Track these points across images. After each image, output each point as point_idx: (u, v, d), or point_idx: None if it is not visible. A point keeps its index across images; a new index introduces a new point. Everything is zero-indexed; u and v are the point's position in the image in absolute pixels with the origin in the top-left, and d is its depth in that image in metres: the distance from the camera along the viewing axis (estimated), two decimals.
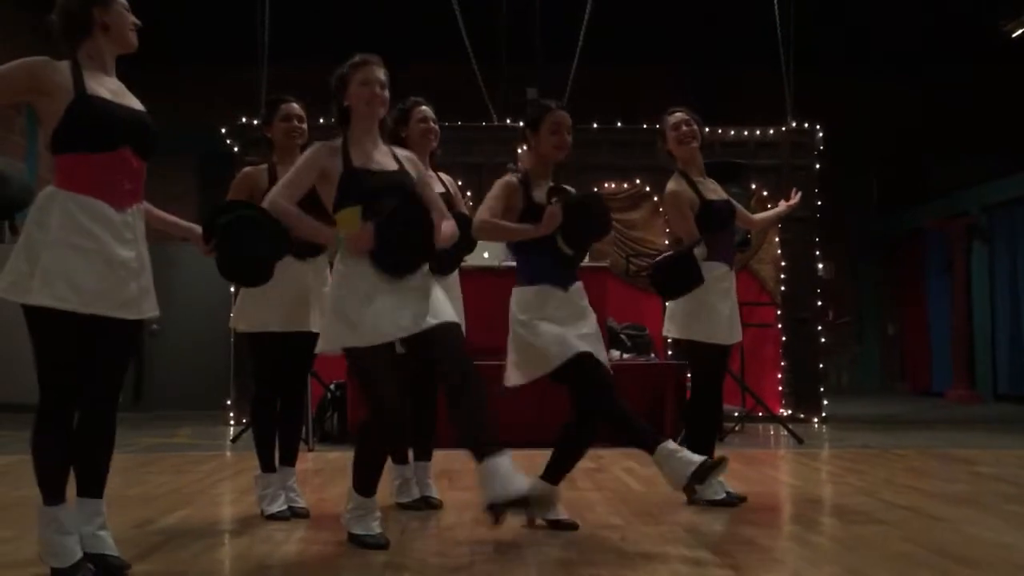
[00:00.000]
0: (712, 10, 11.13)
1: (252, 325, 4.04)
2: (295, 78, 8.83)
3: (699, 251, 4.33)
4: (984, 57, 12.38)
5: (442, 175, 4.47)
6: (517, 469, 3.20)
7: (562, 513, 3.81)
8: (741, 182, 6.91)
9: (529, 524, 3.79)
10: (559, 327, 3.68)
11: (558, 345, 3.64)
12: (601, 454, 6.28)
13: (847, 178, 13.34)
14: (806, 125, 9.64)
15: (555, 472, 3.90)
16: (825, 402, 9.42)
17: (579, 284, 3.86)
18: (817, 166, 9.58)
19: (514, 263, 3.93)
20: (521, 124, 3.94)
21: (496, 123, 9.70)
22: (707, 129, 4.64)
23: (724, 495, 4.32)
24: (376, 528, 3.45)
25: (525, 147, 3.93)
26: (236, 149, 9.06)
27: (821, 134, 9.62)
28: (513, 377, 3.76)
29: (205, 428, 8.62)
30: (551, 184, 3.90)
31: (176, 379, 11.18)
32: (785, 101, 9.56)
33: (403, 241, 3.32)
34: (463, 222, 3.87)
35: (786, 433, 7.61)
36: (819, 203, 9.49)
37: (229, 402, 8.85)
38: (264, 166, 4.17)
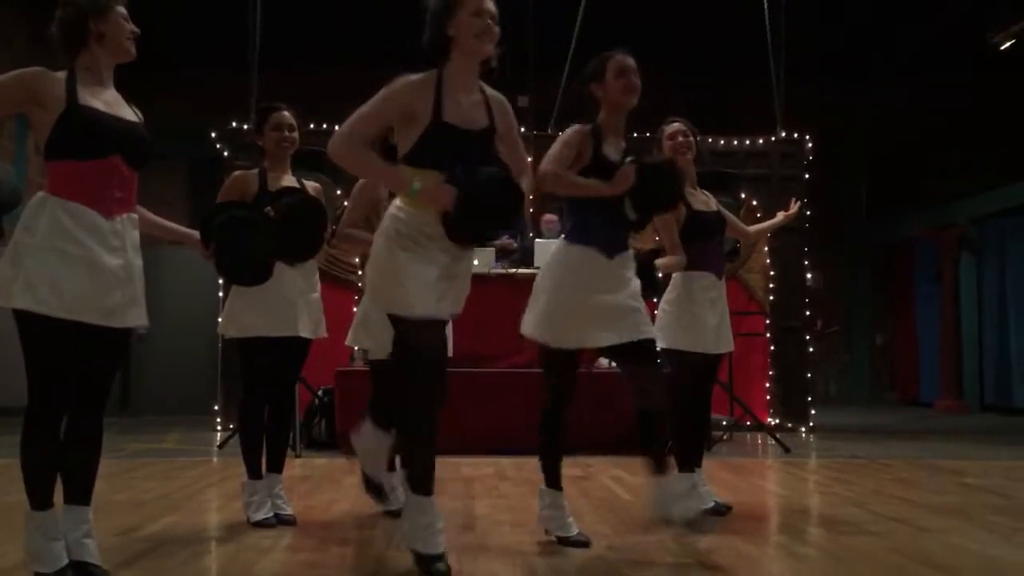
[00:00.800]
0: (704, 20, 11.17)
1: (242, 330, 4.03)
2: (286, 83, 8.84)
3: (677, 261, 4.36)
4: (974, 68, 12.46)
5: None
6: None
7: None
8: (731, 192, 6.92)
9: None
10: (588, 302, 3.50)
11: (575, 331, 3.54)
12: (589, 462, 6.28)
13: (837, 188, 13.40)
14: (796, 135, 9.68)
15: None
16: (813, 411, 9.44)
17: (628, 253, 3.67)
18: (807, 176, 9.62)
19: (502, 270, 3.91)
20: (585, 83, 3.72)
21: None
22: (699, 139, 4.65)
23: (712, 503, 4.33)
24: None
25: (593, 105, 3.72)
26: (226, 154, 9.04)
27: (811, 144, 9.65)
28: (528, 326, 3.65)
29: (193, 433, 8.58)
30: (624, 141, 3.70)
31: (164, 384, 11.15)
32: (775, 111, 9.60)
33: (485, 213, 3.04)
34: None
35: (773, 442, 7.62)
36: (808, 213, 9.52)
37: (217, 407, 8.82)
38: (255, 170, 4.17)
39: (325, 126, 8.73)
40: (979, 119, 13.26)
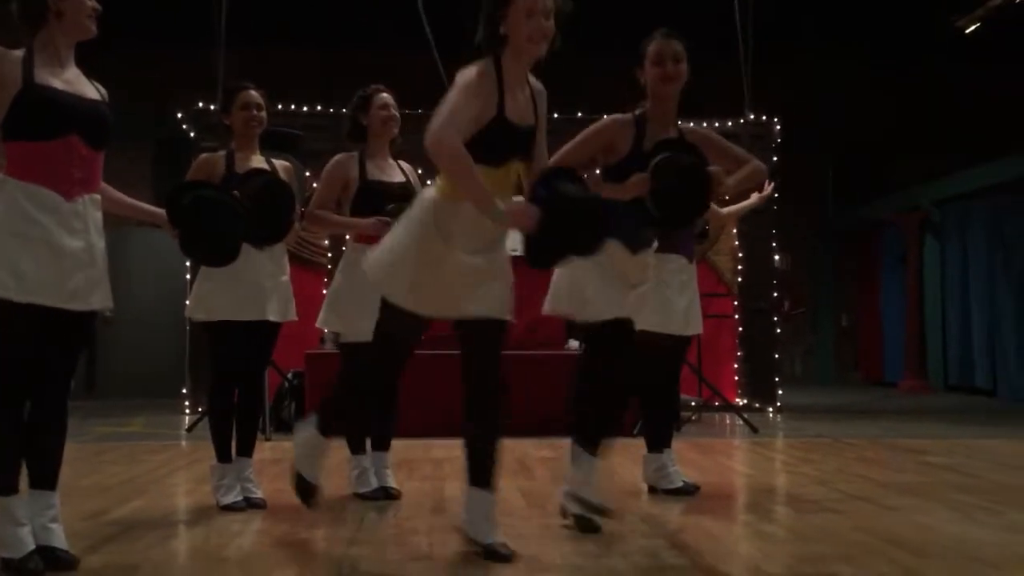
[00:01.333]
0: (672, 3, 11.16)
1: (209, 313, 3.99)
2: (254, 62, 8.76)
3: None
4: (939, 53, 12.58)
5: (402, 163, 4.44)
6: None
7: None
8: None
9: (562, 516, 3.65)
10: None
11: (605, 303, 3.43)
12: (559, 443, 6.31)
13: (804, 171, 13.50)
14: (764, 118, 9.73)
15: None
16: (780, 392, 9.54)
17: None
18: (775, 159, 9.68)
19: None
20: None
21: None
22: None
23: (681, 484, 4.38)
24: None
25: (641, 91, 3.63)
26: (193, 135, 8.93)
27: (779, 127, 9.71)
28: (550, 304, 3.58)
29: (160, 417, 8.51)
30: (672, 131, 3.54)
31: (131, 367, 11.04)
32: (743, 95, 9.64)
33: (569, 238, 2.94)
34: None
35: (741, 423, 7.70)
36: (776, 195, 9.58)
37: (185, 391, 8.75)
38: (222, 152, 4.13)
39: (293, 107, 8.66)
40: (943, 103, 13.41)
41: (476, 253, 2.96)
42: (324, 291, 8.00)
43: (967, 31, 11.57)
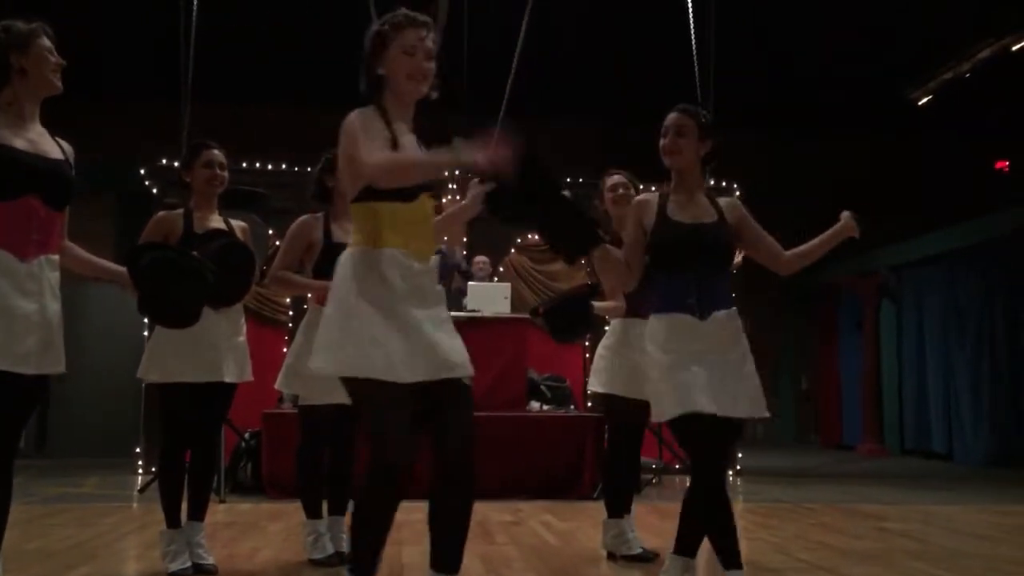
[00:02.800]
0: (636, 66, 11.41)
1: (164, 375, 3.91)
2: (221, 118, 8.77)
3: (616, 307, 4.43)
4: (894, 123, 12.95)
5: None
6: None
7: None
8: None
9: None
10: (688, 367, 3.20)
11: (676, 393, 3.17)
12: (519, 507, 6.26)
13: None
14: (724, 183, 9.90)
15: (686, 544, 3.41)
16: (740, 455, 9.55)
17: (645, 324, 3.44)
18: None
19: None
20: None
21: None
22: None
23: (640, 551, 4.35)
24: None
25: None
26: (155, 191, 8.89)
27: (738, 192, 9.88)
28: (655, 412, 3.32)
29: (113, 477, 8.32)
30: (704, 205, 3.53)
31: (83, 424, 10.80)
32: None
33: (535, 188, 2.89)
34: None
35: None
36: (736, 259, 9.71)
37: (138, 450, 8.56)
38: (180, 211, 4.09)
39: (258, 164, 8.68)
40: (898, 172, 13.75)
41: (418, 307, 2.70)
42: (285, 349, 7.93)
43: (920, 103, 11.94)
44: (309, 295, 4.61)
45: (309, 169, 4.52)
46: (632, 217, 3.52)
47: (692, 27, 9.46)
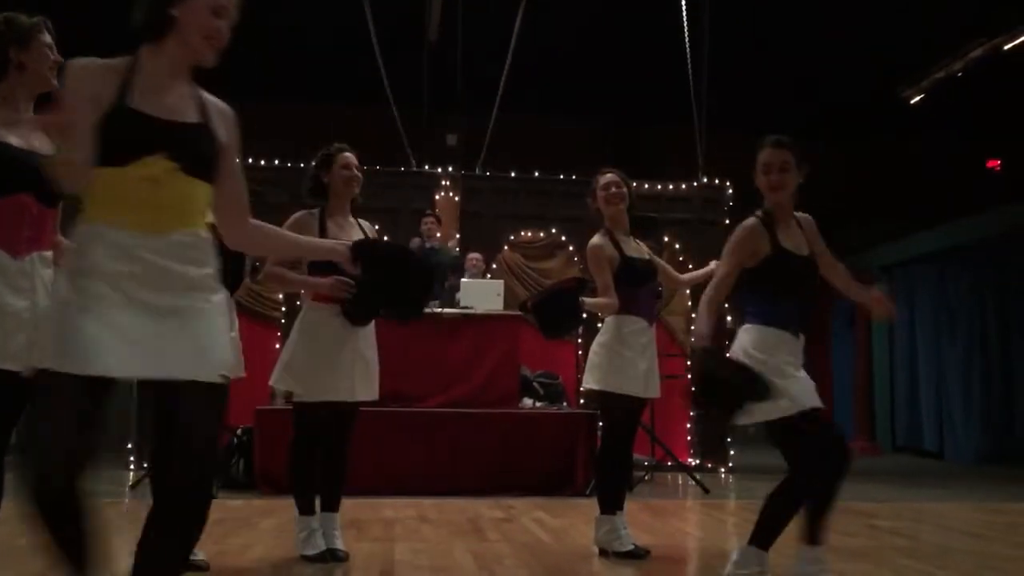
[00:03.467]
0: (631, 66, 11.43)
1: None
2: None
3: (608, 303, 4.44)
4: (886, 123, 12.98)
5: (361, 221, 4.43)
6: None
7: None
8: (654, 236, 7.06)
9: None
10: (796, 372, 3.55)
11: (800, 392, 3.51)
12: (511, 504, 6.27)
13: None
14: (716, 181, 9.92)
15: (765, 537, 3.74)
16: (732, 452, 9.58)
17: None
18: (727, 221, 9.85)
19: (428, 310, 3.90)
20: None
21: (415, 168, 9.75)
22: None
23: (631, 547, 4.36)
24: None
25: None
26: None
27: (731, 191, 9.90)
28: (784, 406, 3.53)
29: (105, 471, 8.30)
30: (795, 224, 3.89)
31: None
32: (698, 158, 9.84)
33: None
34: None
35: (693, 483, 7.70)
36: None
37: (130, 445, 8.55)
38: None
39: (251, 160, 8.66)
40: (891, 171, 13.78)
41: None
42: (277, 345, 7.93)
43: (912, 102, 11.98)
44: (303, 291, 4.60)
45: (302, 165, 4.52)
46: (743, 247, 3.72)
47: (687, 27, 9.48)
